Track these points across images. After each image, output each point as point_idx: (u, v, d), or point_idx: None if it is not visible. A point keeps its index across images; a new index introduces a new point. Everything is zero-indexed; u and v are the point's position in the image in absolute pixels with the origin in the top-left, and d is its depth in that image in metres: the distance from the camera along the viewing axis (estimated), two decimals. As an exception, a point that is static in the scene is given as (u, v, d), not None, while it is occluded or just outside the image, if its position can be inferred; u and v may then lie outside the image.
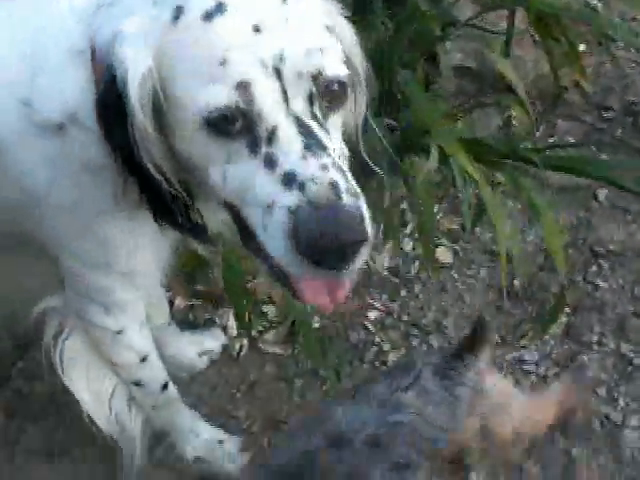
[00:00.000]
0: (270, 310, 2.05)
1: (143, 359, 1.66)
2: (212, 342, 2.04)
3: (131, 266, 1.42)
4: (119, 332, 1.56)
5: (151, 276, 1.51)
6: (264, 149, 1.04)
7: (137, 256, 1.41)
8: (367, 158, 1.33)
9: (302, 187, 1.01)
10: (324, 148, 1.04)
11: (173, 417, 1.79)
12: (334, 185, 1.01)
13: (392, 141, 1.76)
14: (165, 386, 1.73)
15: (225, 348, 2.02)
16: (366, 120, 1.30)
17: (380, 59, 1.88)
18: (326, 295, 1.16)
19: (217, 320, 2.05)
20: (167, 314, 1.92)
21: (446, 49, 2.30)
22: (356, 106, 1.25)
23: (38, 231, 1.39)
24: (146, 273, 1.48)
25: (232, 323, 2.05)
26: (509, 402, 1.45)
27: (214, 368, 1.98)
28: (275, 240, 1.05)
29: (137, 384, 1.70)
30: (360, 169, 1.19)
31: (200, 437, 1.85)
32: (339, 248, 1.01)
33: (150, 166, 1.12)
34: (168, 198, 1.16)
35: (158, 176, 1.13)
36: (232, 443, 1.84)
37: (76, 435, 1.82)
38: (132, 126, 1.09)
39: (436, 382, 1.38)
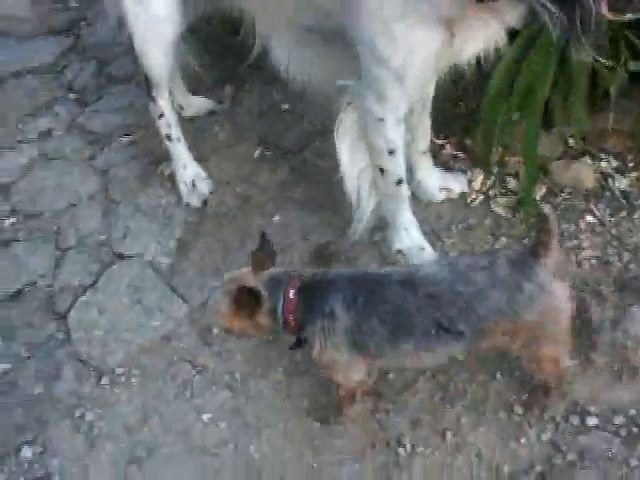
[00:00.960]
0: (512, 183, 2.41)
1: (391, 151, 2.07)
2: (455, 184, 2.44)
3: (405, 65, 1.84)
4: (380, 119, 1.99)
5: (419, 79, 1.93)
6: None
7: (413, 58, 1.83)
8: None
9: None
10: None
11: (396, 212, 2.22)
12: None
13: None
14: (400, 181, 2.15)
15: (458, 195, 2.42)
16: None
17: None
18: None
19: (468, 173, 2.47)
20: (428, 143, 2.38)
21: None
22: None
23: (352, 25, 1.88)
24: (416, 75, 1.90)
25: (478, 184, 2.46)
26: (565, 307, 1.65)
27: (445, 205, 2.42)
28: None
29: (381, 170, 2.12)
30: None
31: (410, 237, 2.24)
32: None
33: None
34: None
35: None
36: (430, 253, 2.27)
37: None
38: None
39: (507, 271, 1.62)
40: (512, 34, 1.92)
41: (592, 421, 1.79)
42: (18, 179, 2.82)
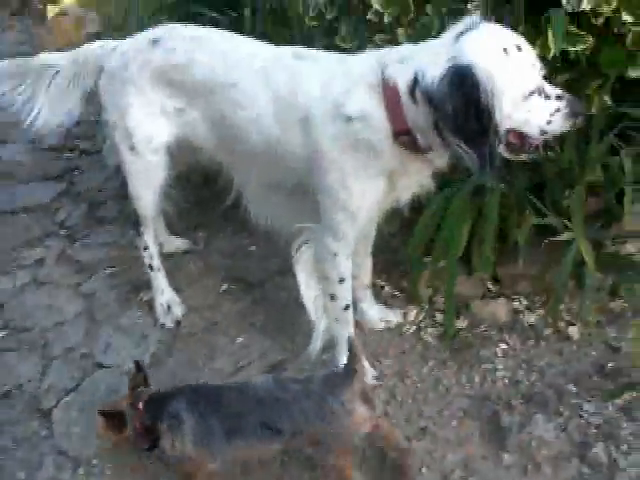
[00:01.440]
0: (439, 317, 2.86)
1: (341, 280, 2.48)
2: (392, 316, 2.88)
3: (358, 208, 2.29)
4: (335, 254, 2.42)
5: (367, 219, 2.39)
6: None
7: (364, 203, 2.29)
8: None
9: None
10: None
11: (342, 334, 2.58)
12: None
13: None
14: (347, 307, 2.55)
15: (394, 326, 2.85)
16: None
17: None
18: None
19: (404, 309, 2.92)
20: (370, 278, 2.84)
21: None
22: None
23: (315, 179, 2.34)
24: (365, 216, 2.35)
25: (412, 316, 2.91)
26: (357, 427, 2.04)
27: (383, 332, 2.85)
28: None
29: (332, 296, 2.52)
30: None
31: None
32: None
33: (492, 133, 1.97)
34: (490, 150, 2.00)
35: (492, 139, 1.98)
36: (370, 372, 2.59)
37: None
38: (488, 117, 1.93)
39: (319, 386, 2.05)
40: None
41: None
42: (11, 299, 3.19)
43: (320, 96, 2.25)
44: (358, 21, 2.67)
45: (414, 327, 2.85)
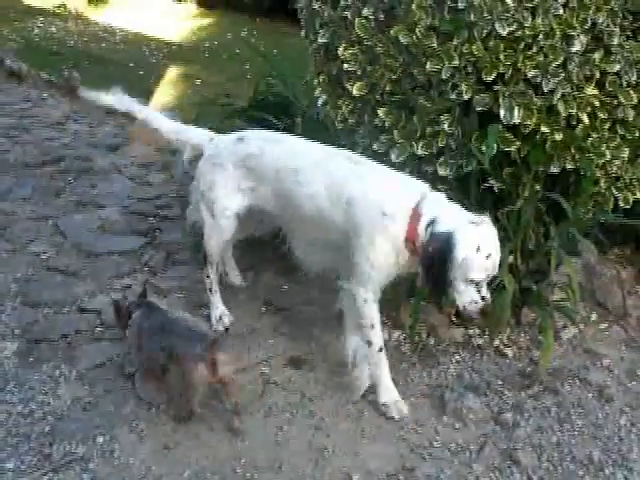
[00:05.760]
0: (415, 338, 3.95)
1: (372, 326, 3.31)
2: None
3: (382, 264, 3.23)
4: (365, 300, 3.28)
5: (381, 282, 3.31)
6: None
7: (383, 272, 3.27)
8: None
9: None
10: None
11: (378, 375, 3.37)
12: None
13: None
14: (381, 349, 3.34)
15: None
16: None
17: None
18: None
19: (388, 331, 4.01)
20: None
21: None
22: None
23: (352, 241, 3.25)
24: (386, 270, 3.28)
25: (394, 337, 4.00)
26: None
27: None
28: None
29: (369, 343, 3.34)
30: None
31: (390, 393, 3.37)
32: None
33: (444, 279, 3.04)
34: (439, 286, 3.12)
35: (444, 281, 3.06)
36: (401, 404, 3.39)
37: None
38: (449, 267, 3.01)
39: (199, 337, 3.27)
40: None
41: None
42: (107, 308, 4.34)
43: (366, 191, 3.24)
44: (369, 124, 3.92)
45: (395, 343, 3.93)
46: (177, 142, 4.10)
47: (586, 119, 3.58)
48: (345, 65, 3.82)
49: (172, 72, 10.19)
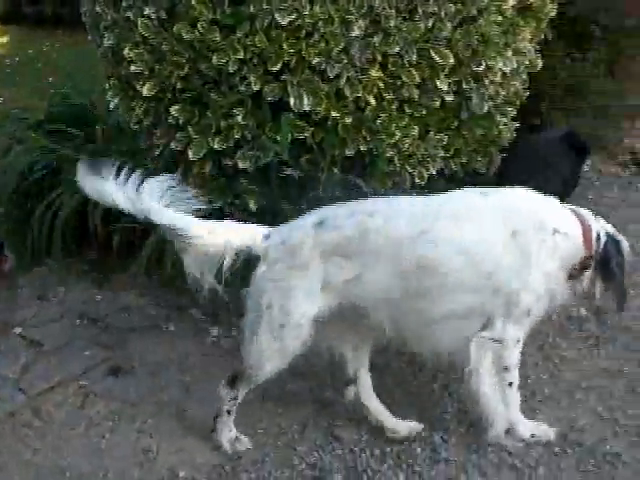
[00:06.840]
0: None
1: (516, 365, 2.97)
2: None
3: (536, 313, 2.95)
4: (517, 340, 2.92)
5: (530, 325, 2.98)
6: None
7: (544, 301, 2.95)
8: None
9: None
10: None
11: (507, 407, 3.00)
12: None
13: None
14: (511, 384, 2.98)
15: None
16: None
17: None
18: None
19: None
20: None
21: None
22: None
23: (496, 304, 2.87)
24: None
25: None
26: None
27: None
28: None
29: (510, 385, 2.97)
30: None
31: (527, 428, 3.04)
32: None
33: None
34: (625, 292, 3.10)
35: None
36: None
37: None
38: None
39: None
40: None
41: None
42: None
43: (530, 213, 2.95)
44: (165, 123, 3.89)
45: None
46: (208, 249, 2.95)
47: (373, 101, 3.71)
48: (132, 66, 3.77)
49: (-33, 92, 9.61)
